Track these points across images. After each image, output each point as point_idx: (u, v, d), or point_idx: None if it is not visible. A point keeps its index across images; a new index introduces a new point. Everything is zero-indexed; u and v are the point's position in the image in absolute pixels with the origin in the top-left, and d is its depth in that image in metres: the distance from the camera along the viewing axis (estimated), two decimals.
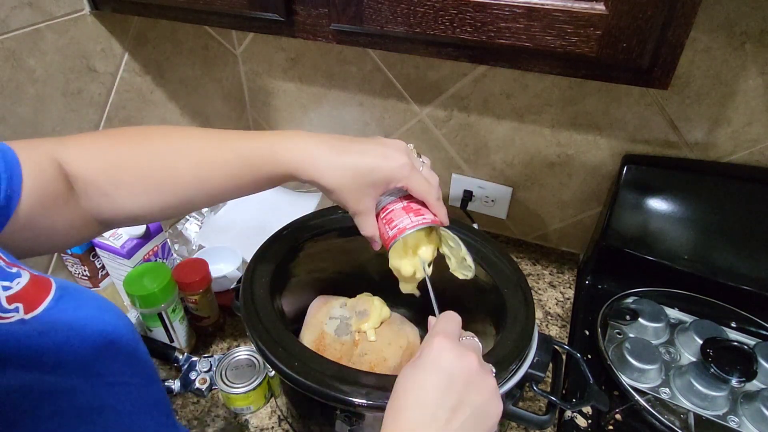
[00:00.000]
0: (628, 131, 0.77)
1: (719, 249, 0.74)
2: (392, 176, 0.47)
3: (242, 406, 0.67)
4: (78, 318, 0.34)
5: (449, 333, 0.42)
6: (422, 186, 0.48)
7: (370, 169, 0.46)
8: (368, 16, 0.50)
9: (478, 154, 0.91)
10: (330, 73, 0.94)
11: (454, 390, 0.38)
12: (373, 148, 0.47)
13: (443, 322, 0.44)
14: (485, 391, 0.39)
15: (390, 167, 0.46)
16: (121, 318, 0.38)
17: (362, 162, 0.46)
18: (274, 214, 0.99)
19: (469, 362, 0.39)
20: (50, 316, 0.32)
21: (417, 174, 0.48)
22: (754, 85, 0.66)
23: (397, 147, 0.48)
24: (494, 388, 0.40)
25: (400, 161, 0.46)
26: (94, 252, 0.73)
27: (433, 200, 0.49)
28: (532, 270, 0.93)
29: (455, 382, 0.38)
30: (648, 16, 0.40)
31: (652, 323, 0.73)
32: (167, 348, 0.72)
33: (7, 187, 0.39)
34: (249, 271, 0.59)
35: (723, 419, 0.61)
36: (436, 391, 0.38)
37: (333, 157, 0.46)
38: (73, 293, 0.35)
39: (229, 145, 0.47)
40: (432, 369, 0.39)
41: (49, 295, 0.33)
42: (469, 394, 0.38)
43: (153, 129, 0.50)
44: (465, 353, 0.40)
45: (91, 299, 0.37)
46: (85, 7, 0.70)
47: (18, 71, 0.64)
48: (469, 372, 0.39)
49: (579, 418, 0.65)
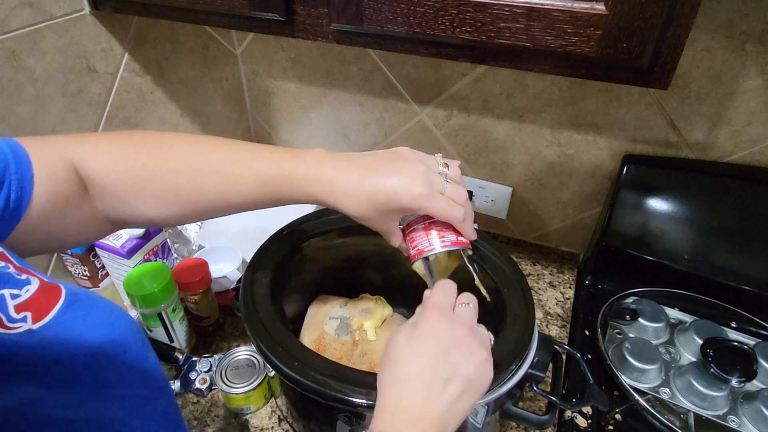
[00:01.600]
0: (628, 131, 0.77)
1: (719, 249, 0.74)
2: (409, 207, 0.45)
3: (242, 406, 0.67)
4: (87, 327, 0.33)
5: (443, 304, 0.43)
6: (443, 212, 0.46)
7: (386, 199, 0.45)
8: (368, 16, 0.50)
9: (478, 154, 0.91)
10: (330, 73, 0.94)
11: (447, 362, 0.40)
12: (395, 167, 0.46)
13: (438, 293, 0.45)
14: (476, 361, 0.41)
15: (405, 199, 0.45)
16: (131, 326, 0.37)
17: (381, 190, 0.45)
18: (274, 214, 0.98)
19: (460, 333, 0.41)
20: (59, 325, 0.32)
21: (436, 201, 0.46)
22: (754, 85, 0.66)
23: (416, 173, 0.45)
24: (485, 358, 0.41)
25: (415, 191, 0.44)
26: (94, 252, 0.73)
27: (458, 223, 0.48)
28: (532, 270, 0.93)
29: (449, 354, 0.40)
30: (648, 16, 0.40)
31: (652, 323, 0.73)
32: (167, 348, 0.72)
33: (18, 188, 0.38)
34: (249, 271, 0.59)
35: (723, 419, 0.61)
36: (432, 364, 0.39)
37: (352, 184, 0.45)
38: (83, 300, 0.35)
39: (254, 167, 0.47)
40: (428, 341, 0.40)
41: (59, 303, 0.33)
42: (461, 365, 0.40)
43: (174, 138, 0.49)
44: (456, 325, 0.42)
45: (101, 306, 0.36)
46: (85, 7, 0.70)
47: (18, 71, 0.64)
48: (461, 345, 0.41)
49: (579, 418, 0.65)
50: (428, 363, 0.40)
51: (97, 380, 0.33)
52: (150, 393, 0.37)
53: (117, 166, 0.46)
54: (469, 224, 0.49)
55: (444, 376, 0.39)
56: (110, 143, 0.47)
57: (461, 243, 0.49)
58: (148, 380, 0.37)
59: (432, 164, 0.47)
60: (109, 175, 0.45)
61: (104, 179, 0.45)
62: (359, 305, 0.69)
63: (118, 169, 0.45)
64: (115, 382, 0.34)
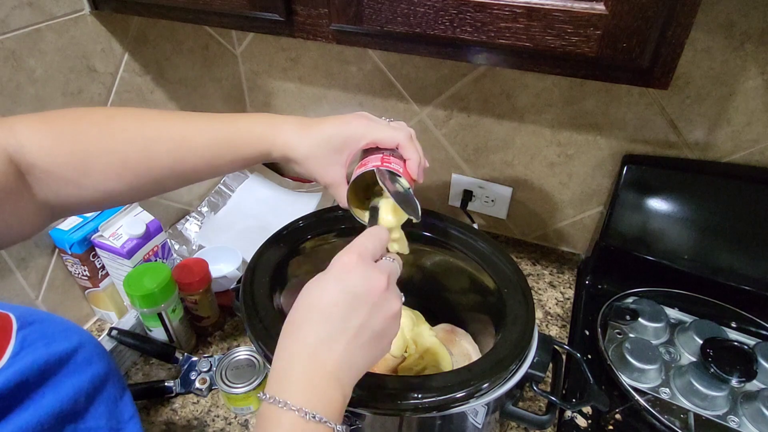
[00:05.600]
0: (628, 131, 0.77)
1: (719, 249, 0.74)
2: (351, 136, 0.49)
3: (242, 406, 0.67)
4: (49, 356, 0.32)
5: (364, 250, 0.40)
6: (389, 136, 0.50)
7: (329, 135, 0.49)
8: (368, 16, 0.50)
9: (478, 154, 0.91)
10: (330, 73, 0.94)
11: (356, 311, 0.37)
12: (333, 118, 0.50)
13: (363, 237, 0.42)
14: (387, 314, 0.39)
15: (347, 129, 0.49)
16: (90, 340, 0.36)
17: (324, 130, 0.49)
18: (274, 214, 0.99)
19: (376, 284, 0.38)
20: (17, 363, 0.30)
21: (378, 127, 0.50)
22: (754, 85, 0.66)
23: (358, 114, 0.51)
24: (396, 312, 0.39)
25: (357, 122, 0.50)
26: (94, 252, 0.73)
27: (406, 142, 0.50)
28: (532, 270, 0.93)
29: (359, 304, 0.37)
30: (648, 16, 0.40)
31: (652, 323, 0.73)
32: (167, 348, 0.72)
33: None
34: (249, 271, 0.59)
35: (723, 419, 0.61)
36: (338, 311, 0.37)
37: (301, 130, 0.49)
38: (37, 327, 0.33)
39: (207, 129, 0.48)
40: (337, 286, 0.38)
41: (11, 340, 0.31)
42: (371, 316, 0.38)
43: (119, 111, 0.49)
44: (373, 275, 0.39)
45: (57, 323, 0.35)
46: (85, 7, 0.70)
47: (18, 71, 0.64)
48: (373, 294, 0.38)
49: (579, 418, 0.65)
50: (334, 310, 0.37)
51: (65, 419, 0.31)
52: (116, 423, 0.36)
53: (61, 147, 0.43)
54: (414, 149, 0.50)
55: (353, 326, 0.37)
56: (48, 124, 0.44)
57: (389, 167, 0.49)
58: (114, 407, 0.36)
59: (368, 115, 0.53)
60: (53, 158, 0.42)
61: (48, 163, 0.42)
62: None
63: (63, 151, 0.43)
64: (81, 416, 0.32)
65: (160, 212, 0.90)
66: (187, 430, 0.67)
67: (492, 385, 0.47)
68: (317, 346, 0.36)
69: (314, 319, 0.37)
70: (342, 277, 0.38)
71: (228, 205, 1.02)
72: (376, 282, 0.38)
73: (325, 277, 0.39)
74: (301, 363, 0.36)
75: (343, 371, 0.36)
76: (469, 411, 0.50)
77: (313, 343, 0.36)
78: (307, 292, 0.39)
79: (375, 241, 0.42)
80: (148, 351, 0.73)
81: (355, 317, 0.37)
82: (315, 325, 0.37)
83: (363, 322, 0.37)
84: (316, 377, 0.35)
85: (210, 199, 1.01)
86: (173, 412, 0.69)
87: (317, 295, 0.38)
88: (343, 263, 0.39)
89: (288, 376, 0.36)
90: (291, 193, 1.05)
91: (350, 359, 0.37)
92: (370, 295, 0.38)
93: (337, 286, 0.38)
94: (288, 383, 0.35)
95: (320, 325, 0.37)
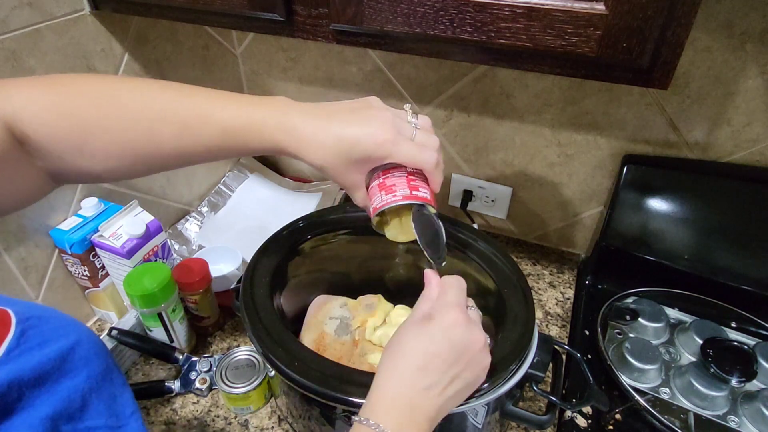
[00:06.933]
0: (628, 131, 0.77)
1: (719, 249, 0.74)
2: (374, 155, 0.44)
3: (242, 406, 0.67)
4: (44, 356, 0.31)
5: (461, 304, 0.44)
6: (412, 158, 0.45)
7: (350, 147, 0.44)
8: (368, 16, 0.50)
9: (478, 154, 0.91)
10: (330, 73, 0.94)
11: (457, 363, 0.41)
12: (354, 115, 0.45)
13: (456, 291, 0.45)
14: (481, 368, 0.44)
15: (370, 146, 0.44)
16: (88, 336, 0.35)
17: (345, 137, 0.44)
18: (274, 214, 0.99)
19: (477, 340, 0.43)
20: (11, 361, 0.29)
21: (403, 146, 0.44)
22: (754, 85, 0.66)
23: (382, 119, 0.44)
24: (487, 365, 0.44)
25: (381, 137, 0.43)
26: (94, 252, 0.73)
27: (430, 168, 0.46)
28: (532, 270, 0.93)
29: (461, 358, 0.42)
30: (648, 16, 0.40)
31: (652, 323, 0.73)
32: (167, 348, 0.72)
33: None
34: (249, 271, 0.59)
35: (723, 419, 0.61)
36: (443, 364, 0.41)
37: (317, 132, 0.44)
38: (35, 323, 0.32)
39: (216, 116, 0.44)
40: (445, 341, 0.41)
41: (9, 335, 0.30)
42: (467, 370, 0.42)
43: (120, 85, 0.45)
44: (474, 330, 0.43)
45: (56, 320, 0.34)
46: (85, 7, 0.70)
47: (18, 71, 0.64)
48: (474, 351, 0.42)
49: (579, 418, 0.65)
50: (440, 362, 0.41)
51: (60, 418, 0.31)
52: (116, 421, 0.35)
53: (57, 122, 0.40)
54: (439, 174, 0.47)
55: (450, 376, 0.41)
56: (44, 94, 0.41)
57: (420, 198, 0.46)
58: (112, 405, 0.35)
59: (401, 113, 0.47)
60: (47, 133, 0.40)
61: (42, 138, 0.40)
62: (361, 303, 0.69)
63: (58, 126, 0.41)
64: (78, 416, 0.32)
65: (160, 212, 0.90)
66: (187, 430, 0.67)
67: (492, 385, 0.47)
68: (417, 397, 0.40)
69: (417, 371, 0.41)
70: (446, 333, 0.42)
71: (228, 205, 1.02)
72: (476, 336, 0.43)
73: (427, 329, 0.42)
74: (398, 410, 0.40)
75: (435, 418, 0.41)
76: (469, 411, 0.50)
77: (412, 393, 0.40)
78: (416, 339, 0.42)
79: (463, 292, 0.46)
80: (148, 351, 0.73)
81: (456, 369, 0.42)
82: (418, 376, 0.41)
83: (459, 373, 0.42)
84: (415, 421, 0.40)
85: (210, 199, 1.01)
86: (173, 412, 0.69)
87: (422, 348, 0.42)
88: (446, 318, 0.43)
89: (389, 411, 0.40)
90: (291, 193, 1.05)
91: (443, 406, 0.41)
92: (471, 350, 0.42)
93: (443, 341, 0.42)
94: (388, 416, 0.40)
95: (422, 377, 0.41)
